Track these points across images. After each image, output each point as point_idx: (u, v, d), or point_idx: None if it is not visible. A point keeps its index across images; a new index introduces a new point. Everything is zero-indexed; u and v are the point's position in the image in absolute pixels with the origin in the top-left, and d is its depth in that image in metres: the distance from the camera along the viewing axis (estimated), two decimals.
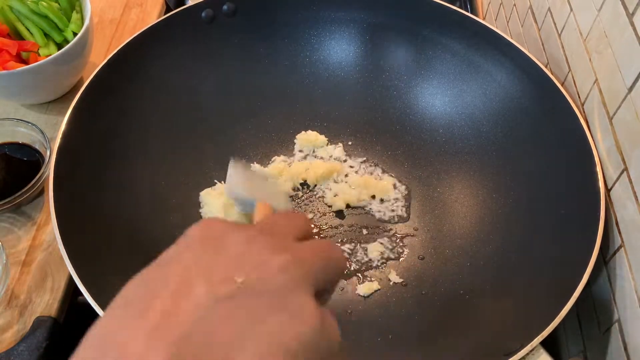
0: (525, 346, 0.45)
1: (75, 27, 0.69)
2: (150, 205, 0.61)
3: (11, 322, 0.55)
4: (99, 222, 0.55)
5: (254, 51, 0.71)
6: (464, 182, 0.65)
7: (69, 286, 0.57)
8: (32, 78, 0.65)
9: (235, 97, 0.70)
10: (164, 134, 0.65)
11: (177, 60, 0.68)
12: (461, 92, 0.67)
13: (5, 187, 0.59)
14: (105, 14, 0.82)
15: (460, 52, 0.67)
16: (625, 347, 0.46)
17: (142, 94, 0.65)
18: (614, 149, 0.50)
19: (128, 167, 0.61)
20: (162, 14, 0.84)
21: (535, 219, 0.57)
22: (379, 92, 0.71)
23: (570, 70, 0.58)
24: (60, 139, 0.56)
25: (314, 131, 0.69)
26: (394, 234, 0.62)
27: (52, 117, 0.71)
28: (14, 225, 0.61)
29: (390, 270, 0.59)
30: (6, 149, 0.64)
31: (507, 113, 0.64)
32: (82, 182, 0.56)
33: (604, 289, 0.50)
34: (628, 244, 0.47)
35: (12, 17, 0.68)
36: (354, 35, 0.72)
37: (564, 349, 0.58)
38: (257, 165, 0.67)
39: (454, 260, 0.59)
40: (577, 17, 0.56)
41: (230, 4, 0.69)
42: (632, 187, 0.46)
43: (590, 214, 0.50)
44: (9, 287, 0.56)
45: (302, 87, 0.71)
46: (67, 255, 0.49)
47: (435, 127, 0.68)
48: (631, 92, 0.46)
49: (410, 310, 0.56)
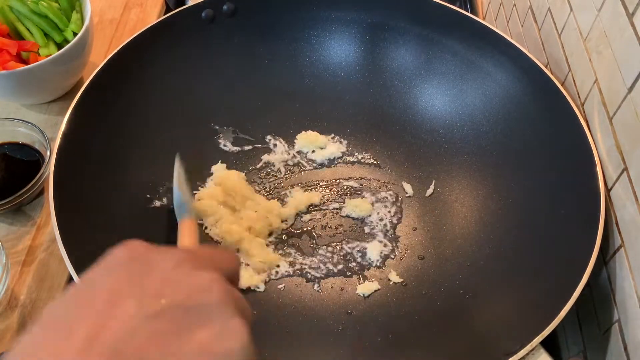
0: (525, 346, 0.45)
1: (75, 27, 0.69)
2: (150, 204, 0.61)
3: (11, 322, 0.55)
4: (99, 222, 0.55)
5: (254, 51, 0.71)
6: (464, 182, 0.65)
7: (69, 286, 0.57)
8: (32, 78, 0.65)
9: (235, 97, 0.70)
10: (163, 133, 0.65)
11: (177, 60, 0.68)
12: (461, 92, 0.67)
13: (5, 187, 0.59)
14: (105, 14, 0.82)
15: (460, 52, 0.67)
16: (625, 347, 0.46)
17: (142, 94, 0.65)
18: (614, 149, 0.50)
19: (128, 167, 0.61)
20: (162, 14, 0.84)
21: (535, 219, 0.57)
22: (379, 92, 0.71)
23: (570, 70, 0.58)
24: (60, 139, 0.56)
25: (314, 131, 0.69)
26: (394, 234, 0.62)
27: (52, 117, 0.71)
28: (14, 226, 0.61)
29: (390, 270, 0.59)
30: (6, 149, 0.64)
31: (507, 113, 0.64)
32: (82, 182, 0.56)
33: (604, 289, 0.50)
34: (628, 244, 0.47)
35: (12, 17, 0.68)
36: (354, 35, 0.72)
37: (564, 349, 0.58)
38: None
39: (454, 260, 0.59)
40: (577, 17, 0.56)
41: (230, 4, 0.69)
42: (632, 187, 0.46)
43: (590, 214, 0.50)
44: (9, 287, 0.56)
45: (302, 87, 0.71)
46: (67, 255, 0.49)
47: (435, 127, 0.68)
48: (631, 92, 0.46)
49: (410, 310, 0.56)
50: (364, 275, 0.59)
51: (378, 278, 0.59)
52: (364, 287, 0.58)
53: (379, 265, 0.60)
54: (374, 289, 0.58)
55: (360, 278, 0.59)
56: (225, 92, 0.70)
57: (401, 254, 0.61)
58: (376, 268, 0.60)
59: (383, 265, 0.60)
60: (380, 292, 0.58)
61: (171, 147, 0.65)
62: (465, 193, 0.64)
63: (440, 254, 0.60)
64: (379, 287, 0.58)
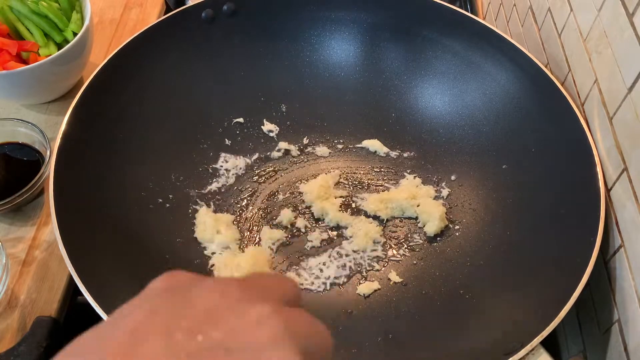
0: (525, 346, 0.45)
1: (75, 27, 0.69)
2: (149, 204, 0.61)
3: (11, 322, 0.55)
4: (99, 222, 0.55)
5: (254, 51, 0.71)
6: (464, 181, 0.65)
7: (69, 286, 0.57)
8: (32, 78, 0.65)
9: (235, 97, 0.70)
10: (163, 133, 0.65)
11: (177, 61, 0.68)
12: (461, 92, 0.67)
13: (5, 187, 0.59)
14: (105, 14, 0.82)
15: (460, 52, 0.67)
16: (625, 347, 0.46)
17: (142, 94, 0.65)
18: (614, 149, 0.50)
19: (128, 167, 0.61)
20: (162, 14, 0.84)
21: (535, 219, 0.57)
22: (379, 92, 0.71)
23: (570, 70, 0.58)
24: (60, 139, 0.56)
25: (314, 131, 0.69)
26: (394, 234, 0.62)
27: (52, 117, 0.71)
28: (14, 225, 0.61)
29: (390, 270, 0.59)
30: (6, 149, 0.64)
31: (507, 113, 0.64)
32: (82, 182, 0.56)
33: (604, 289, 0.50)
34: (628, 244, 0.47)
35: (12, 17, 0.68)
36: (354, 35, 0.71)
37: (564, 349, 0.58)
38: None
39: (454, 260, 0.59)
40: (577, 17, 0.56)
41: (230, 4, 0.69)
42: (632, 187, 0.46)
43: (590, 214, 0.50)
44: (9, 287, 0.56)
45: (302, 87, 0.71)
46: (67, 255, 0.49)
47: (435, 127, 0.68)
48: (631, 92, 0.46)
49: (410, 310, 0.56)
50: (364, 275, 0.59)
51: (378, 278, 0.59)
52: (364, 287, 0.58)
53: (379, 266, 0.60)
54: (374, 289, 0.58)
55: (361, 278, 0.59)
56: (225, 92, 0.70)
57: (401, 253, 0.61)
58: (376, 268, 0.60)
59: (383, 265, 0.60)
60: (380, 292, 0.58)
61: (171, 147, 0.65)
62: (466, 192, 0.64)
63: (440, 254, 0.60)
64: (379, 287, 0.58)
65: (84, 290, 0.47)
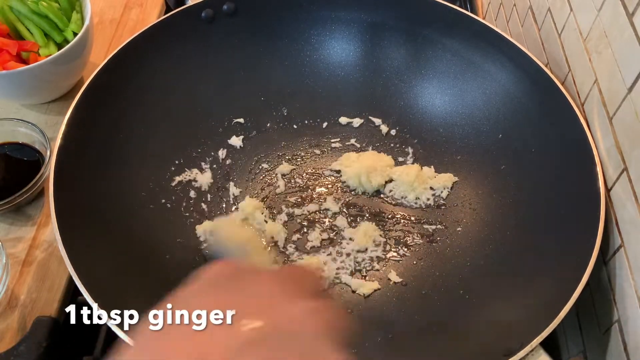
0: (525, 346, 0.45)
1: (75, 27, 0.69)
2: (149, 205, 0.61)
3: (11, 322, 0.55)
4: (99, 222, 0.55)
5: (254, 51, 0.71)
6: (464, 181, 0.65)
7: (69, 286, 0.57)
8: (32, 78, 0.65)
9: (235, 97, 0.70)
10: (163, 133, 0.65)
11: (177, 60, 0.68)
12: (461, 91, 0.67)
13: (5, 187, 0.59)
14: (105, 14, 0.82)
15: (461, 52, 0.67)
16: (625, 347, 0.46)
17: (142, 94, 0.65)
18: (614, 149, 0.50)
19: (128, 167, 0.61)
20: (162, 14, 0.84)
21: (535, 219, 0.57)
22: (379, 92, 0.71)
23: (570, 70, 0.58)
24: (60, 139, 0.56)
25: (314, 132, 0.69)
26: (394, 234, 0.62)
27: (52, 117, 0.71)
28: (14, 225, 0.61)
29: (390, 270, 0.59)
30: (6, 149, 0.64)
31: (507, 113, 0.64)
32: (82, 182, 0.56)
33: (604, 289, 0.50)
34: (628, 244, 0.47)
35: (12, 17, 0.68)
36: (354, 35, 0.71)
37: (564, 349, 0.58)
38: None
39: (454, 260, 0.59)
40: (577, 17, 0.56)
41: (230, 3, 0.69)
42: (632, 187, 0.46)
43: (590, 214, 0.50)
44: (9, 287, 0.56)
45: (302, 87, 0.71)
46: (67, 255, 0.49)
47: (436, 127, 0.68)
48: (631, 92, 0.46)
49: (410, 310, 0.56)
50: (364, 275, 0.59)
51: (378, 278, 0.59)
52: (364, 287, 0.58)
53: (379, 266, 0.60)
54: (374, 289, 0.58)
55: (361, 278, 0.59)
56: (225, 92, 0.70)
57: (401, 254, 0.61)
58: (376, 268, 0.60)
59: (383, 265, 0.60)
60: (380, 292, 0.58)
61: (171, 147, 0.65)
62: (466, 192, 0.64)
63: (440, 254, 0.60)
64: (379, 286, 0.58)
65: (84, 290, 0.47)
